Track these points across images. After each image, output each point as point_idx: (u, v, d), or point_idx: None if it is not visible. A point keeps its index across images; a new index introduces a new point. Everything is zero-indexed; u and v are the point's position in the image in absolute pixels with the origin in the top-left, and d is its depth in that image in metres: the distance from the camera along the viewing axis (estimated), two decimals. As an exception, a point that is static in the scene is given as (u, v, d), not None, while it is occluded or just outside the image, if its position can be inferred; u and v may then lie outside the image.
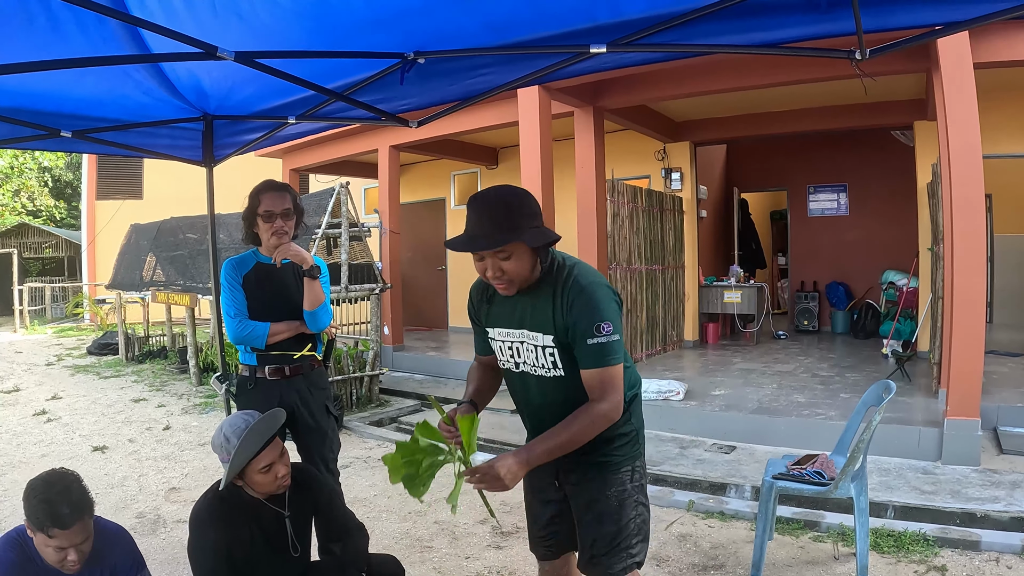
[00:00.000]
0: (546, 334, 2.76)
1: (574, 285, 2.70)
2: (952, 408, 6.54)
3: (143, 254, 15.26)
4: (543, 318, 2.76)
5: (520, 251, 2.65)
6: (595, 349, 2.64)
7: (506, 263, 2.65)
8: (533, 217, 2.66)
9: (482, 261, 2.69)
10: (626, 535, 2.87)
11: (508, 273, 2.67)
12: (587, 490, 2.91)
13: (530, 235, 2.62)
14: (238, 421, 3.30)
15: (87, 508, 2.99)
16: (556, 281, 2.75)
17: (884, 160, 13.46)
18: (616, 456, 2.88)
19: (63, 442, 8.44)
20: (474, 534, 5.45)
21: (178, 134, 4.68)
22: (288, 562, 3.45)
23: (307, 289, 4.16)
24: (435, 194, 16.89)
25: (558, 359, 2.77)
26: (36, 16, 2.72)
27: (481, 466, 2.52)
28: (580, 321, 2.65)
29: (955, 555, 4.90)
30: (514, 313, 2.86)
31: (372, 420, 9.19)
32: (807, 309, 14.49)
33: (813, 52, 2.96)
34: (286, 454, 3.40)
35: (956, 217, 6.55)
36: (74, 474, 3.06)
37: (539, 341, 2.79)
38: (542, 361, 2.81)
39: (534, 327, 2.80)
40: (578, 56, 3.19)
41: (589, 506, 2.90)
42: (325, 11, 2.87)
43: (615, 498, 2.87)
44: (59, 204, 36.70)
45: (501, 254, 2.64)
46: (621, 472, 2.89)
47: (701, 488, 6.27)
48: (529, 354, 2.85)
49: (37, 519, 2.88)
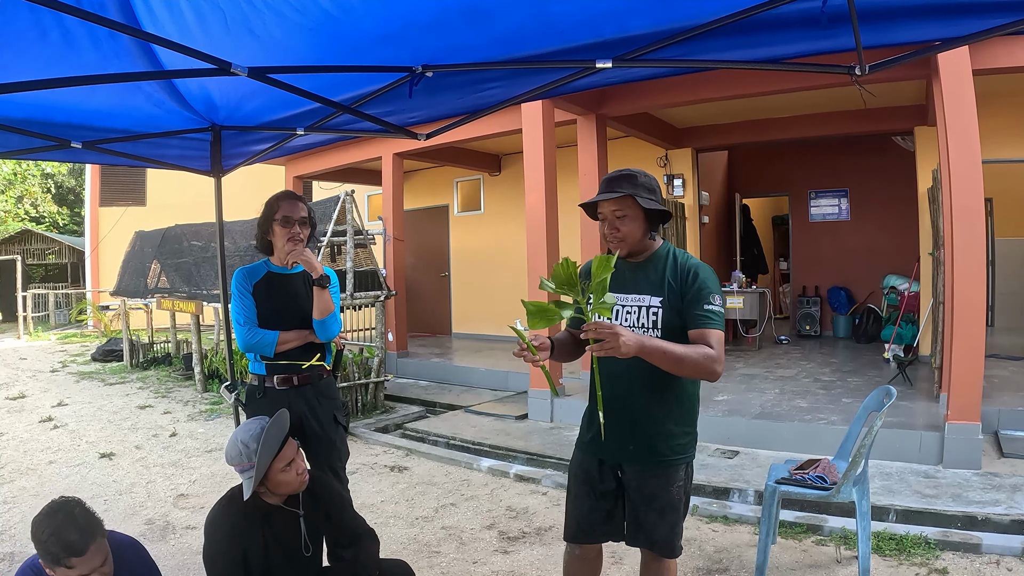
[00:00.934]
0: (655, 296, 3.17)
1: (691, 262, 3.19)
2: (953, 412, 6.58)
3: (148, 261, 15.30)
4: (656, 284, 3.18)
5: (635, 214, 3.14)
6: (709, 313, 3.05)
7: (620, 222, 3.15)
8: (651, 191, 3.17)
9: (604, 221, 3.21)
10: (680, 521, 3.27)
11: (622, 231, 3.15)
12: (650, 485, 3.23)
13: (643, 199, 3.09)
14: (252, 426, 3.34)
15: (98, 530, 2.94)
16: (668, 257, 3.22)
17: (885, 165, 13.47)
18: (677, 456, 3.23)
19: (70, 449, 8.48)
20: (481, 539, 5.49)
21: (187, 144, 4.73)
22: (302, 566, 3.50)
23: (316, 298, 4.20)
24: (438, 201, 16.90)
25: (660, 319, 3.14)
26: (49, 31, 2.77)
27: (606, 324, 2.80)
28: (701, 290, 3.08)
29: (956, 558, 4.94)
30: (624, 282, 3.24)
31: (378, 426, 9.23)
32: (809, 314, 14.52)
33: (814, 68, 3.02)
34: (301, 451, 3.46)
35: (956, 222, 6.59)
36: (75, 499, 3.01)
37: (646, 302, 3.18)
38: (642, 321, 3.17)
39: (643, 291, 3.20)
40: (585, 71, 3.26)
41: (651, 500, 3.23)
42: (335, 27, 2.92)
43: (677, 492, 3.24)
44: (62, 210, 36.71)
45: (618, 211, 3.14)
46: (680, 468, 3.25)
47: (705, 492, 6.30)
48: (630, 315, 3.21)
49: (51, 554, 2.83)
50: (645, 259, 3.25)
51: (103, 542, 2.97)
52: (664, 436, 3.18)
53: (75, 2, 2.43)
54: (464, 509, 6.18)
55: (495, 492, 6.58)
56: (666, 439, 3.18)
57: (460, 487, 6.77)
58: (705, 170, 13.82)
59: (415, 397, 10.98)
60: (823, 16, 2.54)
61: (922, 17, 2.63)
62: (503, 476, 7.05)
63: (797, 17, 2.69)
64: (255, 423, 3.37)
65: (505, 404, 9.85)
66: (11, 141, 4.09)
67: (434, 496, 6.53)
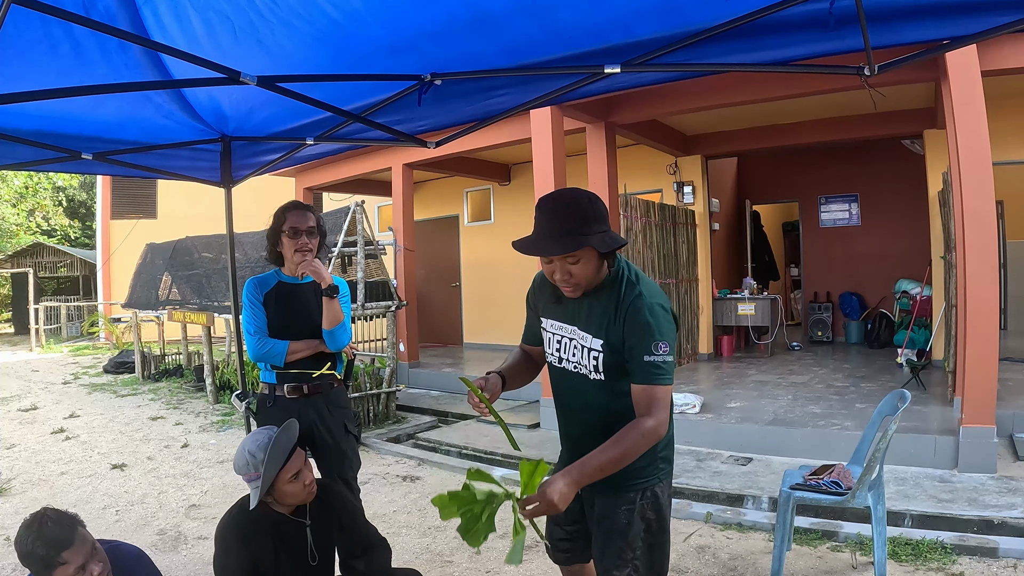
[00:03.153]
0: (596, 337, 2.78)
1: (638, 301, 2.71)
2: (967, 416, 6.55)
3: (159, 273, 15.37)
4: (597, 322, 2.78)
5: (589, 255, 2.67)
6: (650, 366, 2.65)
7: (574, 267, 2.68)
8: (602, 221, 2.68)
9: (550, 264, 2.72)
10: (628, 551, 2.88)
11: (576, 276, 2.70)
12: (600, 504, 2.94)
13: (599, 240, 2.63)
14: (260, 437, 3.34)
15: (74, 520, 2.99)
16: (620, 291, 2.77)
17: (895, 169, 13.45)
18: (630, 481, 2.87)
19: (82, 460, 8.50)
20: (494, 548, 5.47)
21: (197, 155, 4.75)
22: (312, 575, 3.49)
23: (326, 308, 4.20)
24: (448, 211, 16.94)
25: (600, 364, 2.79)
26: (60, 43, 2.79)
27: (532, 496, 2.51)
28: (641, 337, 2.67)
29: (973, 562, 4.91)
30: (569, 310, 2.89)
31: (390, 436, 9.23)
32: (821, 320, 14.48)
33: (823, 69, 3.01)
34: (309, 462, 3.46)
35: (968, 225, 6.57)
36: (43, 508, 3.04)
37: (587, 343, 2.81)
38: (585, 362, 2.83)
39: (586, 328, 2.82)
40: (593, 76, 3.25)
41: (600, 521, 2.94)
42: (343, 36, 2.92)
43: (626, 515, 2.88)
44: (73, 224, 36.87)
45: (570, 258, 2.66)
46: (632, 492, 2.88)
47: (718, 500, 6.28)
48: (575, 352, 2.87)
49: (41, 558, 2.84)
50: (597, 289, 2.81)
51: (86, 533, 2.99)
52: None
53: (84, 13, 2.44)
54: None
55: (507, 502, 6.54)
56: None
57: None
58: (715, 177, 13.83)
59: (427, 407, 10.98)
60: (831, 17, 2.53)
61: (930, 16, 2.61)
62: (515, 485, 7.00)
63: (804, 19, 2.67)
64: (263, 433, 3.37)
65: (518, 414, 9.83)
66: (23, 152, 4.10)
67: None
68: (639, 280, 2.81)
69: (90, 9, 2.55)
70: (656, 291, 2.80)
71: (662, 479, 2.93)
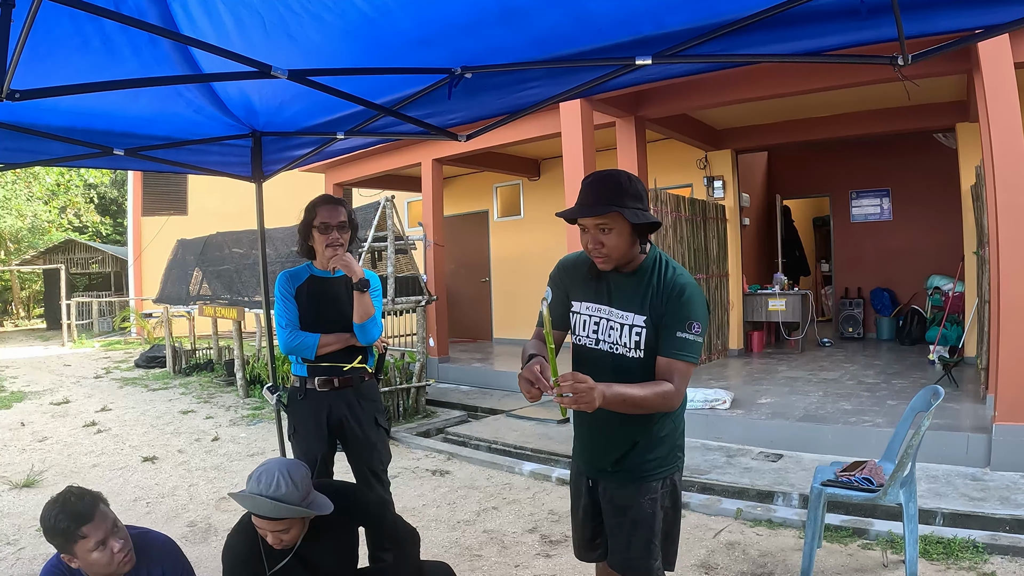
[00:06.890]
0: (639, 314, 2.87)
1: (677, 279, 2.85)
2: (1001, 413, 6.47)
3: (190, 269, 15.45)
4: (640, 301, 2.87)
5: (620, 227, 2.77)
6: (680, 342, 2.78)
7: (606, 237, 2.78)
8: (638, 199, 2.78)
9: (586, 233, 2.83)
10: (657, 541, 2.97)
11: (607, 247, 2.80)
12: (620, 496, 3.01)
13: (631, 212, 2.72)
14: (272, 477, 3.24)
15: (97, 497, 3.04)
16: (660, 271, 2.89)
17: (927, 163, 13.32)
18: (651, 471, 2.97)
19: (113, 452, 8.59)
20: (523, 543, 5.48)
21: (227, 151, 4.78)
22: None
23: (356, 302, 4.21)
24: (478, 206, 16.96)
25: (643, 341, 2.86)
26: (91, 39, 2.81)
27: (581, 376, 2.51)
28: (678, 313, 2.80)
29: (1005, 562, 4.85)
30: (603, 291, 2.97)
31: (419, 431, 9.25)
32: (852, 316, 14.37)
33: (856, 59, 2.98)
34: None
35: (1001, 220, 6.49)
36: (68, 486, 3.11)
37: (627, 320, 2.89)
38: (625, 340, 2.90)
39: (626, 307, 2.90)
40: (624, 68, 3.23)
41: (623, 512, 2.99)
42: (373, 30, 2.93)
43: (650, 505, 2.95)
44: (105, 220, 37.28)
45: (603, 226, 2.77)
46: (654, 481, 2.97)
47: (749, 496, 6.25)
48: (613, 332, 2.93)
49: (63, 531, 2.91)
50: (631, 271, 2.92)
51: (106, 509, 3.05)
52: (638, 451, 2.95)
53: (115, 8, 2.45)
54: (506, 513, 6.17)
55: (537, 496, 6.56)
56: (639, 453, 2.96)
57: (502, 491, 6.76)
58: (745, 172, 13.74)
59: (456, 402, 11.01)
60: (863, 6, 2.50)
61: (963, 4, 2.58)
62: (545, 480, 7.02)
63: (836, 8, 2.65)
64: (280, 476, 3.25)
65: (547, 409, 9.80)
66: (55, 149, 4.15)
67: (476, 500, 6.52)
68: (674, 264, 2.95)
69: (120, 4, 2.57)
70: (689, 274, 2.93)
71: (679, 467, 3.07)
